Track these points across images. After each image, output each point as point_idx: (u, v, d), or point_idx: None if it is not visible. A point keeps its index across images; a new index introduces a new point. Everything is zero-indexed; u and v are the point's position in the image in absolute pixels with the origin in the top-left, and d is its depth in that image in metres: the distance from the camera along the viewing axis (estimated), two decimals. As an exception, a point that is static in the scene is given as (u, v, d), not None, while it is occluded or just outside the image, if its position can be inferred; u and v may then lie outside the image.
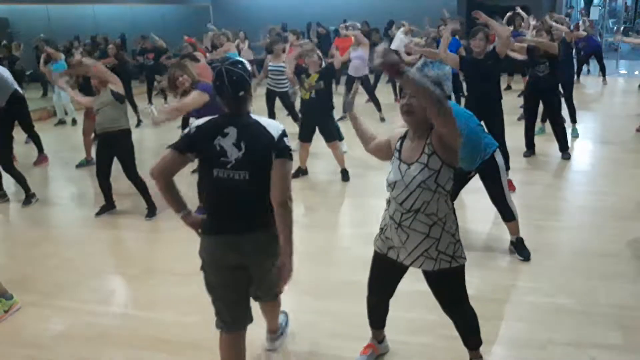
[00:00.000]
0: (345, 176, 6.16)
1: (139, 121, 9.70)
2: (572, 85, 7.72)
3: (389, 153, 2.58)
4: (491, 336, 3.07)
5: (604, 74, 12.04)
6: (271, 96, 8.04)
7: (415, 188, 2.36)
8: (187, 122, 7.02)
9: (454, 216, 2.49)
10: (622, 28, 17.60)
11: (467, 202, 5.05)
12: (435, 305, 2.68)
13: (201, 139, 2.40)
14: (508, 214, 4.04)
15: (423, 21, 11.45)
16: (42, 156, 7.60)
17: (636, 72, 13.68)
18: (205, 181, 2.45)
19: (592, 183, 5.94)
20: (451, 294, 2.59)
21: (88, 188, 6.54)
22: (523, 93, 7.91)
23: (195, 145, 2.40)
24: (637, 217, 4.77)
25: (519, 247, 4.08)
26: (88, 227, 5.24)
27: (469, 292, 2.63)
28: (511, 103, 8.61)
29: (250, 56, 11.90)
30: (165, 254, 4.56)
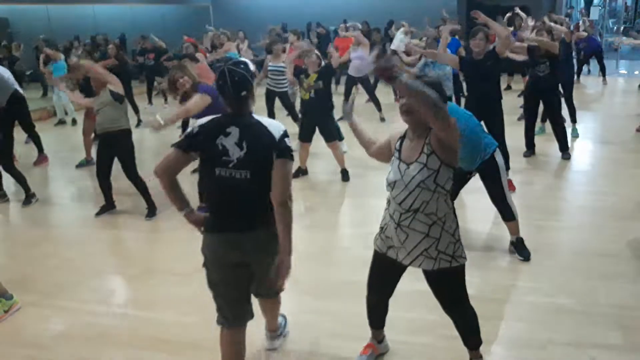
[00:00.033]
0: (345, 176, 6.16)
1: (139, 121, 9.70)
2: (572, 85, 7.72)
3: (390, 154, 2.58)
4: (491, 336, 3.07)
5: (604, 74, 12.04)
6: (271, 96, 8.04)
7: (414, 188, 2.36)
8: (188, 123, 7.03)
9: (454, 216, 2.49)
10: (622, 28, 17.62)
11: (467, 202, 5.05)
12: (435, 305, 2.68)
13: (204, 138, 2.42)
14: (508, 214, 4.05)
15: (423, 21, 11.46)
16: (42, 156, 7.60)
17: (636, 72, 13.68)
18: (207, 180, 2.47)
19: (592, 183, 5.94)
20: (451, 294, 2.59)
21: (88, 188, 6.54)
22: (523, 93, 7.91)
23: (198, 144, 2.43)
24: (637, 217, 4.77)
25: (519, 247, 4.08)
26: (88, 227, 5.24)
27: (469, 292, 2.63)
28: (511, 103, 8.61)
29: (250, 56, 11.88)
30: (165, 254, 4.56)
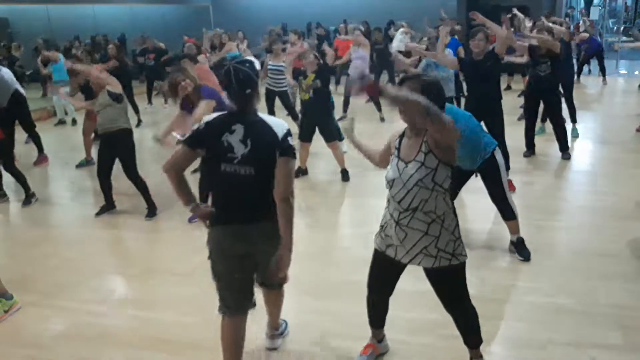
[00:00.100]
0: (345, 176, 6.16)
1: (139, 121, 9.72)
2: (572, 85, 7.72)
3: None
4: (491, 336, 3.07)
5: (604, 75, 12.05)
6: (271, 96, 8.04)
7: (412, 186, 2.36)
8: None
9: (454, 214, 2.49)
10: (622, 28, 17.61)
11: (467, 202, 5.05)
12: (435, 305, 2.68)
13: (210, 135, 2.51)
14: (508, 213, 4.04)
15: (423, 21, 11.46)
16: (42, 156, 7.60)
17: (636, 72, 13.68)
18: (213, 175, 2.56)
19: (592, 183, 5.94)
20: (452, 292, 2.59)
21: (88, 188, 6.54)
22: (523, 93, 7.91)
23: (204, 141, 2.52)
24: (637, 217, 4.77)
25: (519, 247, 4.08)
26: (88, 227, 5.24)
27: (469, 292, 2.63)
28: (511, 103, 8.62)
29: (249, 56, 11.90)
30: (165, 254, 4.56)
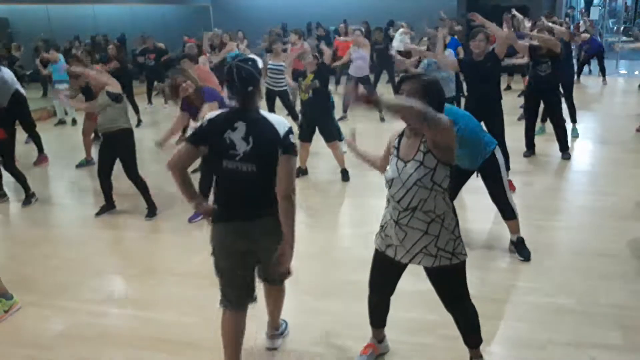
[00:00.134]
0: (345, 176, 6.16)
1: (139, 121, 9.72)
2: (572, 85, 7.72)
3: None
4: (491, 336, 3.07)
5: (604, 75, 12.06)
6: (271, 96, 8.04)
7: (411, 186, 2.36)
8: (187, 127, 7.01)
9: (453, 213, 2.48)
10: (622, 28, 17.61)
11: (468, 202, 5.05)
12: (435, 305, 2.68)
13: (213, 132, 2.56)
14: (509, 212, 4.04)
15: (423, 22, 11.45)
16: (42, 156, 7.60)
17: (636, 72, 13.68)
18: (215, 172, 2.63)
19: (592, 183, 5.94)
20: (452, 291, 2.59)
21: (88, 188, 6.54)
22: (523, 93, 7.91)
23: (207, 138, 2.57)
24: (637, 217, 4.77)
25: (519, 247, 4.08)
26: (88, 227, 5.24)
27: (469, 292, 2.63)
28: (511, 103, 8.62)
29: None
30: (165, 254, 4.56)
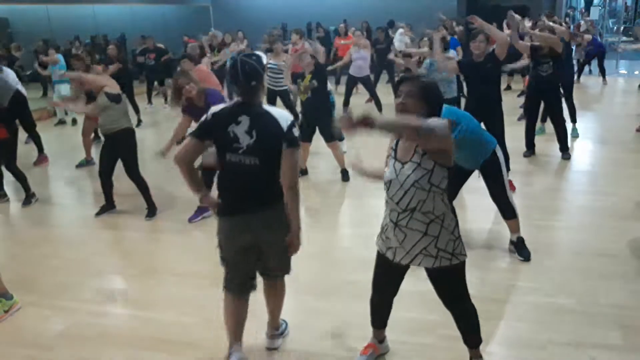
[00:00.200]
0: (345, 176, 6.16)
1: (139, 121, 9.72)
2: (573, 85, 7.73)
3: None
4: (491, 336, 3.07)
5: (604, 75, 12.06)
6: (271, 96, 8.04)
7: (409, 187, 2.36)
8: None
9: (453, 214, 2.48)
10: (622, 28, 17.62)
11: (468, 202, 5.05)
12: (435, 305, 2.68)
13: (217, 127, 2.63)
14: (509, 212, 4.04)
15: (423, 21, 11.47)
16: (42, 156, 7.60)
17: (636, 72, 13.68)
18: (219, 165, 2.70)
19: (592, 183, 5.94)
20: (452, 291, 2.59)
21: (88, 188, 6.54)
22: (523, 93, 7.92)
23: (211, 132, 2.65)
24: (637, 217, 4.77)
25: (519, 247, 4.08)
26: (88, 227, 5.24)
27: (469, 292, 2.63)
28: (511, 103, 8.61)
29: None
30: (165, 254, 4.56)
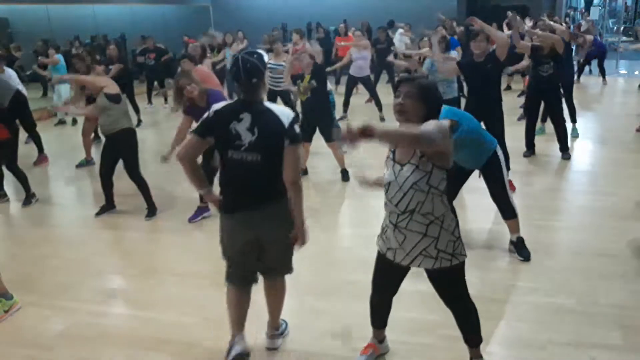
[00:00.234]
0: (345, 176, 6.16)
1: (139, 121, 9.72)
2: (573, 85, 7.73)
3: None
4: (491, 336, 3.07)
5: (604, 76, 12.07)
6: (272, 96, 8.03)
7: (408, 189, 2.36)
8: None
9: (452, 214, 2.47)
10: (622, 28, 17.63)
11: (468, 202, 5.05)
12: (435, 305, 2.68)
13: (219, 124, 2.65)
14: (509, 211, 4.04)
15: (423, 21, 11.46)
16: (42, 156, 7.60)
17: (636, 72, 13.68)
18: (221, 163, 2.72)
19: (592, 183, 5.94)
20: (453, 291, 2.59)
21: (88, 188, 6.54)
22: (523, 93, 7.92)
23: (213, 130, 2.67)
24: (637, 217, 4.77)
25: (519, 247, 4.07)
26: (88, 227, 5.24)
27: (469, 292, 2.63)
28: (511, 103, 8.61)
29: None
30: (165, 254, 4.56)
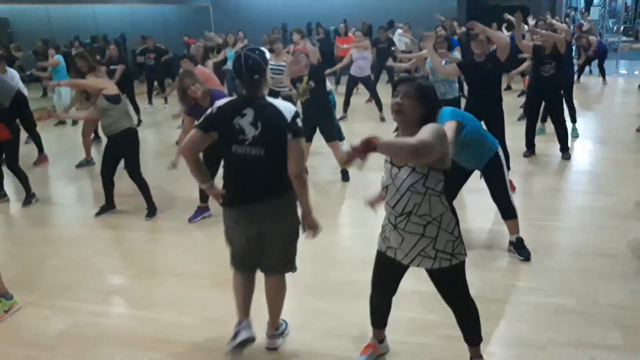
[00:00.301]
0: (345, 176, 6.16)
1: (139, 121, 9.73)
2: (572, 85, 7.73)
3: None
4: (491, 336, 3.07)
5: (604, 76, 12.08)
6: (273, 96, 8.01)
7: (405, 191, 2.36)
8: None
9: (452, 214, 2.46)
10: (622, 28, 17.64)
11: (468, 202, 5.05)
12: (435, 305, 2.68)
13: (222, 120, 2.68)
14: (510, 212, 4.03)
15: (423, 21, 11.48)
16: (42, 156, 7.61)
17: (636, 72, 13.69)
18: (224, 157, 2.76)
19: (592, 183, 5.94)
20: (453, 291, 2.59)
21: (88, 188, 6.54)
22: (524, 93, 7.92)
23: (217, 125, 2.69)
24: (637, 217, 4.77)
25: (519, 247, 4.07)
26: (88, 227, 5.24)
27: (470, 292, 2.63)
28: (511, 103, 8.61)
29: None
30: (165, 254, 4.56)
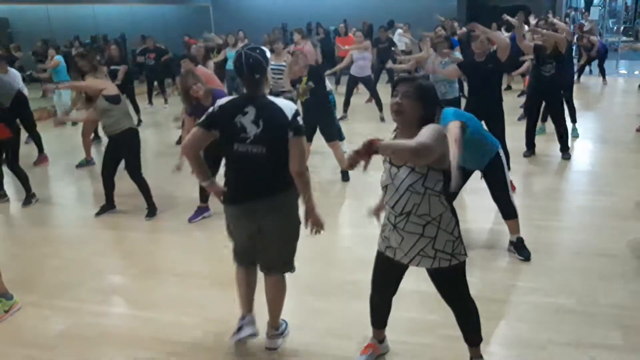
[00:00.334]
0: (345, 176, 6.16)
1: (140, 121, 9.73)
2: (573, 85, 7.72)
3: None
4: (491, 336, 3.07)
5: (604, 76, 12.08)
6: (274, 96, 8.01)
7: (404, 191, 2.36)
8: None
9: (452, 214, 2.45)
10: (622, 28, 17.64)
11: (468, 202, 5.05)
12: (435, 305, 2.68)
13: (224, 118, 2.70)
14: (510, 211, 4.03)
15: (423, 22, 11.48)
16: (43, 156, 7.61)
17: (636, 72, 13.69)
18: (225, 156, 2.78)
19: (592, 183, 5.94)
20: (453, 291, 2.59)
21: (88, 188, 6.54)
22: (526, 93, 7.91)
23: (218, 123, 2.71)
24: (637, 217, 4.77)
25: (519, 247, 4.07)
26: (88, 227, 5.24)
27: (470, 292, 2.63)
28: (511, 103, 8.61)
29: None
30: (165, 254, 4.56)
